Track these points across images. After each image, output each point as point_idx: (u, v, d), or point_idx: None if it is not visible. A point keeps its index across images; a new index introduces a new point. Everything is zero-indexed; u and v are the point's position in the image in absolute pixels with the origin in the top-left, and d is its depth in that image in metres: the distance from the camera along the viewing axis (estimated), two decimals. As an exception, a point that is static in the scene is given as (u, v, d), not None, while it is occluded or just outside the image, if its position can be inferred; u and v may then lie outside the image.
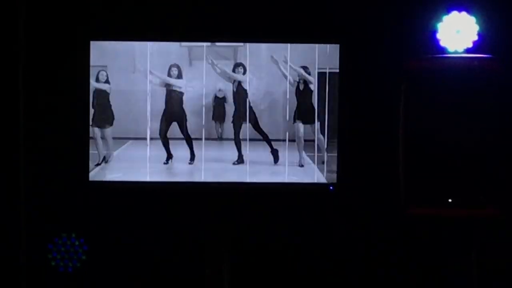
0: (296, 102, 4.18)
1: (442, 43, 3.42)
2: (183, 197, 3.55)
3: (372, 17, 3.52)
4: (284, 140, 4.23)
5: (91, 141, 3.59)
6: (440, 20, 3.39)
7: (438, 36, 3.42)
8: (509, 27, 3.35)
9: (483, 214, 3.29)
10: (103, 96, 4.01)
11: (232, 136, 4.35)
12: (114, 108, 3.95)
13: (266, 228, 3.60)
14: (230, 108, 4.43)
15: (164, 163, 4.23)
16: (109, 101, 4.01)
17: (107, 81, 4.04)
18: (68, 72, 3.55)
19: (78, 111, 3.56)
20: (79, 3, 3.54)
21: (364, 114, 3.56)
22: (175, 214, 3.54)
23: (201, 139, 4.40)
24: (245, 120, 4.30)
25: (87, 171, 3.56)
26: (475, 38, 3.36)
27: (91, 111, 3.76)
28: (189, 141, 4.26)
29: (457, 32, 3.38)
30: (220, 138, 4.39)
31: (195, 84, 4.34)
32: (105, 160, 3.93)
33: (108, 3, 3.56)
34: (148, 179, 3.90)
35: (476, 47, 3.35)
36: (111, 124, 4.04)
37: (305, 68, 4.17)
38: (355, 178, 3.53)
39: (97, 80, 3.94)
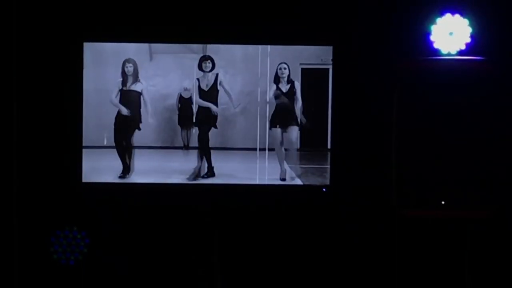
0: (274, 104, 4.13)
1: (436, 45, 3.61)
2: (178, 197, 3.78)
3: (366, 19, 3.69)
4: (263, 149, 4.13)
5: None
6: (433, 22, 3.60)
7: (432, 38, 3.61)
8: (502, 30, 3.59)
9: (476, 215, 3.53)
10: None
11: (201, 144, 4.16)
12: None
13: (259, 229, 3.77)
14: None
15: (120, 176, 4.07)
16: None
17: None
18: (61, 74, 3.73)
19: (71, 113, 3.75)
20: (72, 4, 3.71)
21: (358, 115, 3.73)
22: (170, 214, 3.76)
23: (164, 147, 4.24)
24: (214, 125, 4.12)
25: (80, 171, 3.78)
26: (468, 40, 3.59)
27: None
28: (130, 151, 4.02)
29: (450, 34, 3.60)
30: (187, 147, 4.25)
31: (157, 82, 4.17)
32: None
33: (102, 4, 3.73)
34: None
35: (469, 49, 3.58)
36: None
37: (287, 63, 4.08)
38: (348, 179, 3.71)
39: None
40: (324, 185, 3.87)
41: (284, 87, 4.17)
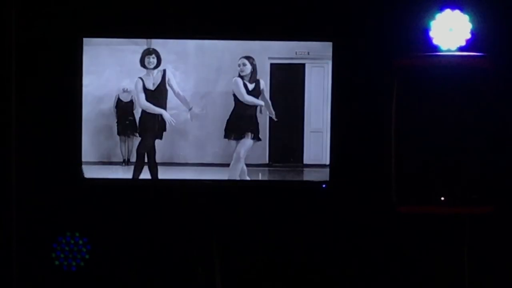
0: (233, 106, 3.47)
1: (435, 41, 3.37)
2: (177, 195, 3.54)
3: (365, 14, 3.51)
4: (223, 165, 3.48)
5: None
6: (433, 18, 3.39)
7: (431, 34, 3.38)
8: (502, 26, 3.43)
9: (475, 212, 3.39)
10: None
11: (145, 159, 3.48)
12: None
13: (258, 225, 3.61)
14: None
15: None
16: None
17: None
18: (61, 70, 3.50)
19: (70, 109, 3.45)
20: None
21: (357, 111, 3.54)
22: (169, 212, 3.58)
23: (99, 163, 3.54)
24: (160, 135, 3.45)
25: (80, 169, 3.46)
26: (468, 36, 3.37)
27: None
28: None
29: (450, 30, 3.36)
30: (127, 162, 3.50)
31: (89, 81, 3.44)
32: None
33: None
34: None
35: (469, 46, 3.38)
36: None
37: (248, 58, 3.47)
38: (347, 175, 3.53)
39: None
40: (324, 181, 3.52)
41: (247, 87, 3.50)
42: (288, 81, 3.52)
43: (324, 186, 3.50)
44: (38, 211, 3.57)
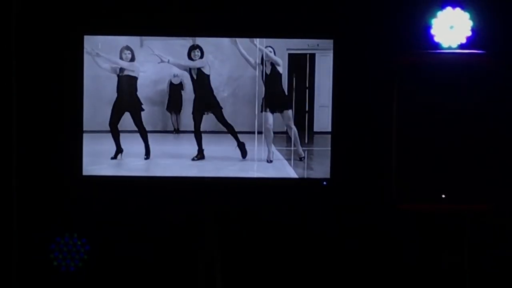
0: (263, 88, 3.99)
1: (436, 39, 3.35)
2: (178, 192, 3.59)
3: (366, 12, 3.49)
4: (251, 132, 4.01)
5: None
6: (434, 15, 3.35)
7: (432, 31, 3.35)
8: (503, 23, 3.36)
9: (476, 209, 3.31)
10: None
11: (191, 128, 4.07)
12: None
13: (258, 223, 3.63)
14: (187, 97, 4.10)
15: (112, 158, 3.91)
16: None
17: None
18: (62, 67, 3.51)
19: (71, 106, 3.51)
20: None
21: (358, 109, 3.53)
22: (169, 211, 3.59)
23: (154, 131, 4.16)
24: (208, 110, 4.04)
25: (80, 166, 3.53)
26: (469, 34, 3.33)
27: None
28: (144, 134, 3.94)
29: (451, 28, 3.34)
30: (177, 131, 4.13)
31: (147, 68, 3.99)
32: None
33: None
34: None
35: (470, 43, 3.33)
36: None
37: (270, 48, 3.91)
38: (348, 173, 3.52)
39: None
40: (325, 179, 3.67)
41: (268, 69, 3.98)
42: (302, 68, 3.91)
43: (324, 183, 3.58)
44: (36, 211, 3.50)
